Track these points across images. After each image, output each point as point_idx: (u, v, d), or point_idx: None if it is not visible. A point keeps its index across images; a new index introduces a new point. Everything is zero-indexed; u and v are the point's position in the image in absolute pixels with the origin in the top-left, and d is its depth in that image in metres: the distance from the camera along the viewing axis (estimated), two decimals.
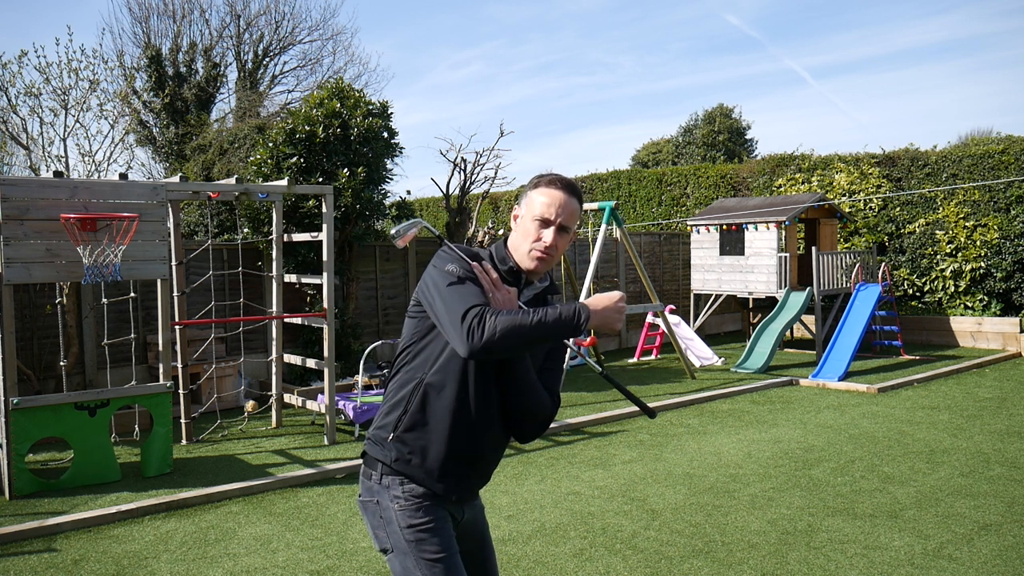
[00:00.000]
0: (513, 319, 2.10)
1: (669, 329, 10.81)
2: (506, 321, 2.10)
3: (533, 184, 2.41)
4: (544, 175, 2.42)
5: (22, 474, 5.86)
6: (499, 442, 2.43)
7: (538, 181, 2.40)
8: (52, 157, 10.78)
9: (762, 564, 4.51)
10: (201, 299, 9.07)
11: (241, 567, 4.58)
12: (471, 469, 2.38)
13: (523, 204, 2.41)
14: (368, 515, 2.40)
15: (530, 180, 2.45)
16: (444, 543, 2.30)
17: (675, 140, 31.14)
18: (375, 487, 2.37)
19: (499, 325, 2.09)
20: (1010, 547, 4.72)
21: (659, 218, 18.26)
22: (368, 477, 2.40)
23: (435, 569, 2.26)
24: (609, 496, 5.76)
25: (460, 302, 2.16)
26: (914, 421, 8.09)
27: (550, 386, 2.41)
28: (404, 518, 2.30)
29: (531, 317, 2.11)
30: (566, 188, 2.37)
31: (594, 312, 2.18)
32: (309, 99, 10.26)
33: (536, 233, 2.34)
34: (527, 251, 2.35)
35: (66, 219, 6.02)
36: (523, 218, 2.39)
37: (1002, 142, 14.57)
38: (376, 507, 2.36)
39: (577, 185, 2.41)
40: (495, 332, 2.08)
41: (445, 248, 2.36)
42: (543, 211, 2.34)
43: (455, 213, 11.54)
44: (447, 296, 2.20)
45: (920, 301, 14.51)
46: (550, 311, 2.14)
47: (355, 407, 7.60)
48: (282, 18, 21.99)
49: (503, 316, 2.11)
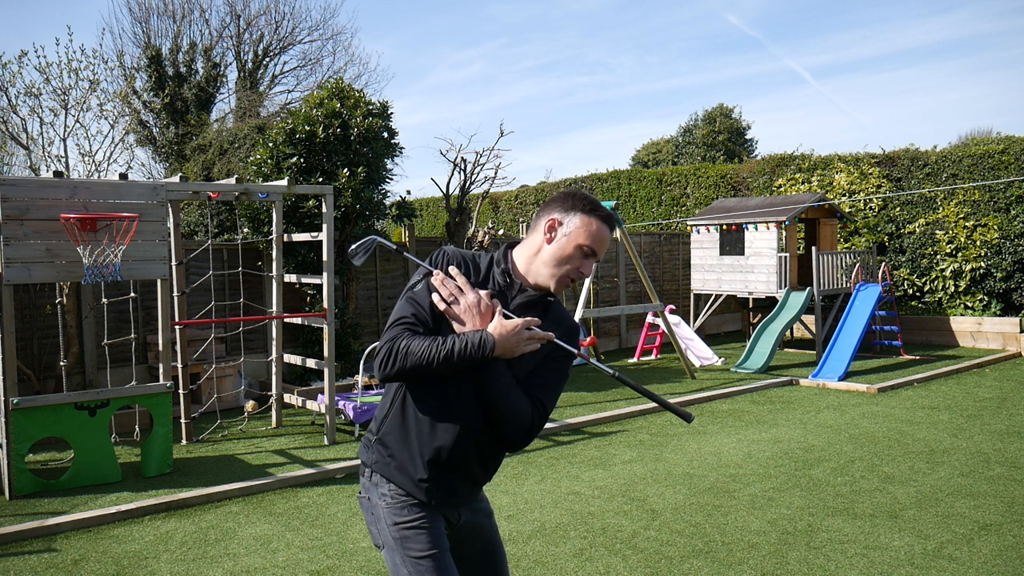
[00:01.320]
0: (420, 352, 2.18)
1: (669, 329, 10.81)
2: (414, 355, 2.18)
3: (585, 208, 2.31)
4: (596, 205, 2.33)
5: (22, 474, 5.86)
6: (485, 449, 2.35)
7: (589, 209, 2.31)
8: (52, 157, 10.79)
9: (762, 564, 4.51)
10: (201, 299, 9.07)
11: (241, 567, 4.58)
12: (453, 475, 2.32)
13: (568, 222, 2.31)
14: (364, 511, 2.43)
15: (575, 197, 2.34)
16: (431, 541, 2.29)
17: (675, 140, 31.14)
18: (367, 484, 2.40)
19: (408, 359, 2.18)
20: (1010, 547, 4.71)
21: (659, 218, 18.26)
22: (362, 474, 2.43)
23: (419, 567, 2.26)
24: (609, 496, 5.76)
25: (392, 322, 2.29)
26: (914, 421, 8.09)
27: (535, 393, 2.31)
28: (390, 515, 2.32)
29: (438, 350, 2.17)
30: (610, 225, 2.36)
31: (499, 341, 2.20)
32: (309, 99, 10.25)
33: (579, 261, 2.32)
34: (558, 274, 2.32)
35: (66, 219, 6.02)
36: (565, 239, 2.30)
37: (1002, 142, 14.56)
38: (369, 504, 2.39)
39: None
40: (404, 365, 2.19)
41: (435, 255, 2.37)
42: (593, 243, 2.30)
43: (455, 213, 11.54)
44: (395, 309, 2.34)
45: (920, 301, 14.51)
46: (457, 343, 2.18)
47: (355, 407, 7.60)
48: (282, 18, 22.03)
49: (413, 346, 2.19)
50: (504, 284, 2.34)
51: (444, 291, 2.26)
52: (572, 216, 2.31)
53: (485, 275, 2.37)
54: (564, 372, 2.40)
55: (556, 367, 2.37)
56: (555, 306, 2.42)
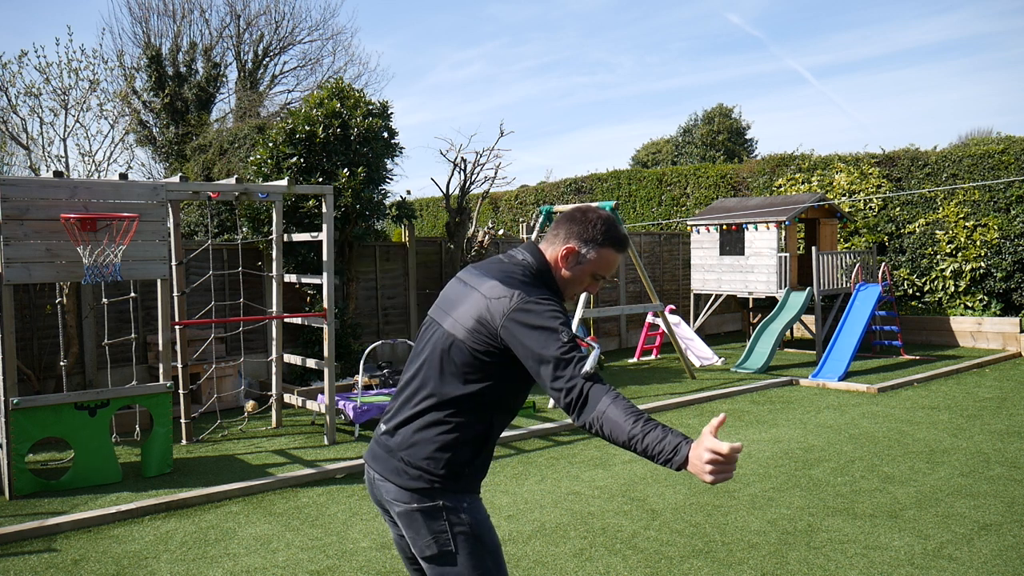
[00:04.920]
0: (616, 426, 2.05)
1: (669, 329, 10.81)
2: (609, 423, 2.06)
3: (601, 242, 2.39)
4: (610, 238, 2.40)
5: (22, 474, 5.86)
6: None
7: (607, 242, 2.40)
8: (52, 157, 10.78)
9: (762, 564, 4.51)
10: (201, 299, 9.07)
11: (241, 567, 4.58)
12: None
13: (585, 255, 2.39)
14: (425, 520, 2.34)
15: (592, 228, 2.39)
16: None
17: (675, 140, 31.13)
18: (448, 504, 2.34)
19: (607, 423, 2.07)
20: (1010, 547, 4.72)
21: (659, 218, 18.26)
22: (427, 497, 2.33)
23: (497, 556, 2.44)
24: (609, 496, 5.76)
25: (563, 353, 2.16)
26: (914, 421, 8.09)
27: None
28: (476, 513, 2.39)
29: (637, 438, 2.03)
30: (623, 247, 2.47)
31: (691, 463, 2.00)
32: (309, 99, 10.26)
33: (591, 283, 2.46)
34: (572, 292, 2.47)
35: (66, 219, 6.02)
36: (580, 268, 2.41)
37: (1002, 142, 14.56)
38: (434, 509, 2.33)
39: None
40: (600, 428, 2.09)
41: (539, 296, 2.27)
42: (606, 272, 2.45)
43: (455, 213, 11.54)
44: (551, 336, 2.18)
45: (920, 301, 14.51)
46: (655, 436, 2.02)
47: (355, 407, 7.60)
48: (282, 18, 22.04)
49: (611, 415, 2.06)
50: None
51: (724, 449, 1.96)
52: (590, 249, 2.41)
53: None
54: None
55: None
56: None
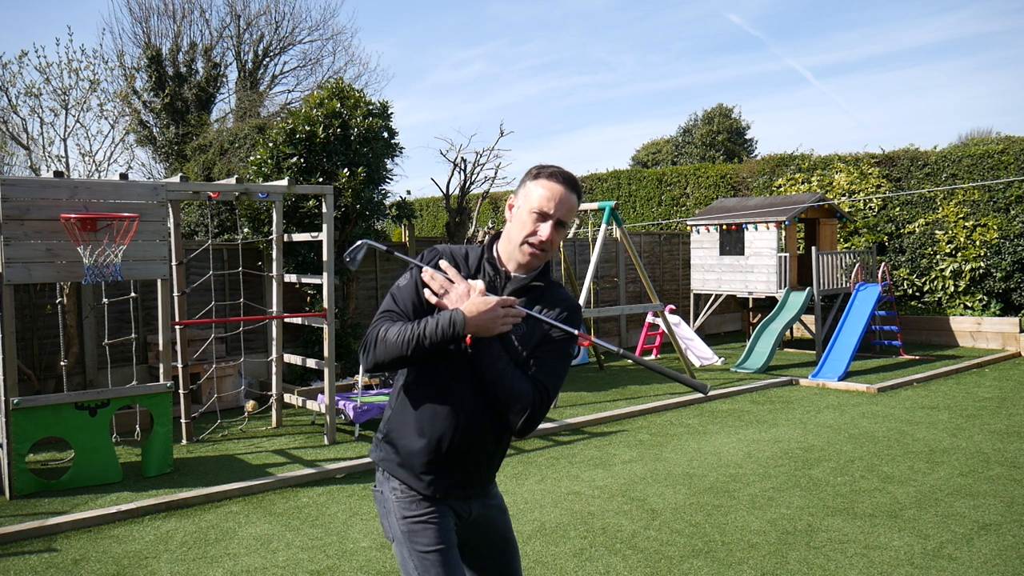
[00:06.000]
0: (396, 336, 2.22)
1: (669, 329, 10.82)
2: (391, 340, 2.22)
3: (532, 175, 2.34)
4: (545, 167, 2.34)
5: (22, 474, 5.86)
6: (487, 437, 2.35)
7: (538, 172, 2.33)
8: (52, 157, 10.78)
9: (762, 564, 4.51)
10: (201, 299, 9.07)
11: (241, 567, 4.58)
12: (455, 467, 2.33)
13: (520, 194, 2.35)
14: (377, 505, 2.48)
15: (529, 170, 2.37)
16: (438, 536, 2.31)
17: (675, 140, 31.13)
18: (380, 478, 2.45)
19: (387, 343, 2.22)
20: (1010, 547, 4.72)
21: (659, 218, 18.27)
22: (377, 469, 2.48)
23: (425, 561, 2.28)
24: (609, 496, 5.77)
25: (376, 317, 2.34)
26: (914, 421, 8.09)
27: (536, 376, 2.28)
28: (400, 509, 2.36)
29: (412, 331, 2.20)
30: (567, 183, 2.30)
31: (470, 319, 2.19)
32: (309, 99, 10.26)
33: (532, 226, 2.28)
34: (520, 244, 2.31)
35: (66, 219, 6.02)
36: (520, 209, 2.33)
37: (1002, 142, 14.58)
38: (381, 497, 2.43)
39: (577, 179, 2.36)
40: (380, 352, 2.24)
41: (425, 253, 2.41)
42: (541, 204, 2.27)
43: (455, 213, 11.55)
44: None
45: (920, 301, 14.51)
46: (429, 322, 2.20)
47: (355, 407, 7.60)
48: (282, 18, 22.01)
49: (391, 332, 2.23)
50: (492, 274, 2.36)
51: (434, 284, 2.29)
52: (521, 188, 2.36)
53: (476, 268, 2.38)
54: (565, 352, 2.37)
55: (555, 348, 2.33)
56: (552, 289, 2.40)
